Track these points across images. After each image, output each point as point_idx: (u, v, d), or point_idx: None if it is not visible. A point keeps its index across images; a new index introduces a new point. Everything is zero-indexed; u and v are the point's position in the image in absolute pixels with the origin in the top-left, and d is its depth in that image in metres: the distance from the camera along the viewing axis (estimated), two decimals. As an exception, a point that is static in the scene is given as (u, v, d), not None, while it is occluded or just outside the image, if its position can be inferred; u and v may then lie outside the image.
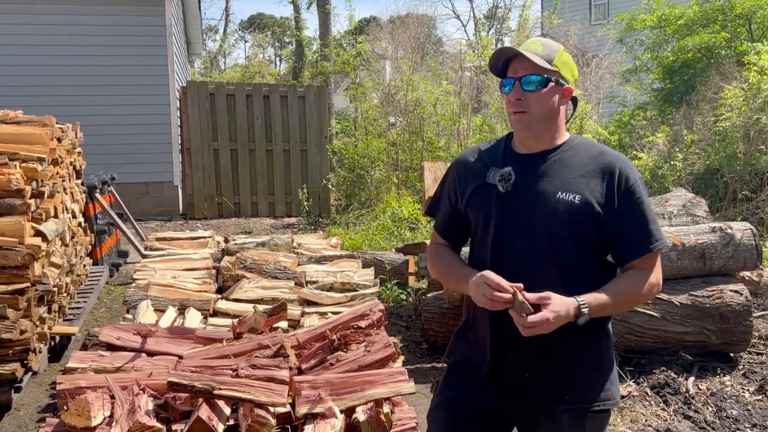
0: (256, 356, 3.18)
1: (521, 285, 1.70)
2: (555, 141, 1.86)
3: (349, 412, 2.94)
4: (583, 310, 1.71)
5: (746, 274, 4.87)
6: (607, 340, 1.89)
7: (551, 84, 1.80)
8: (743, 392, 3.88)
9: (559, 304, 1.69)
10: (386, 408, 2.90)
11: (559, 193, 1.79)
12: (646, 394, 3.82)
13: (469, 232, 1.99)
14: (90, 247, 6.02)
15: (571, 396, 1.83)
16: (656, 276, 1.84)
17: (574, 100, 1.93)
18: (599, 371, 1.86)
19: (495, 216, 1.83)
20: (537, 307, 1.69)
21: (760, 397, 3.81)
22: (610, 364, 1.89)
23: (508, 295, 1.69)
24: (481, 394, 1.91)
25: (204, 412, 2.75)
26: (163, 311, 4.31)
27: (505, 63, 1.84)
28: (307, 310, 4.54)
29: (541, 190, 1.81)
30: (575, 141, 1.88)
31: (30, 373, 3.98)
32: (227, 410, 2.89)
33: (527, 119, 1.82)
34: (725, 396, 3.77)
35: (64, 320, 4.77)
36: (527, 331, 1.68)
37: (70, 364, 3.44)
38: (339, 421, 2.83)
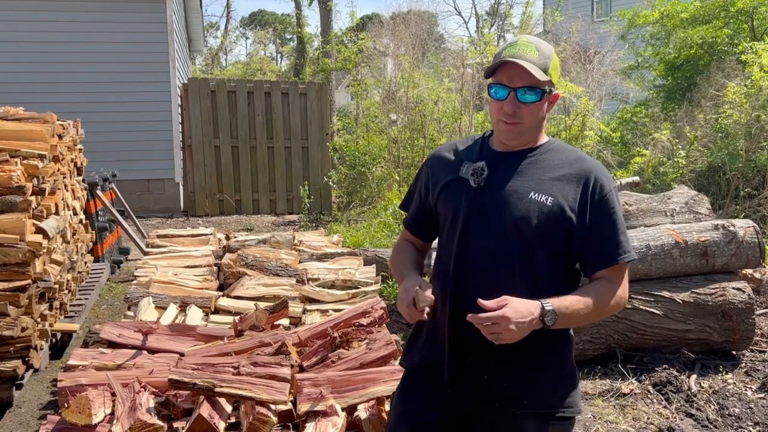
0: (257, 354, 3.17)
1: (483, 304, 1.64)
2: (534, 142, 1.84)
3: (350, 409, 2.94)
4: (546, 307, 1.65)
5: (749, 271, 4.86)
6: (568, 345, 1.84)
7: (545, 95, 1.77)
8: (746, 390, 3.87)
9: (518, 305, 1.63)
10: (388, 406, 2.90)
11: (532, 193, 1.75)
12: (648, 392, 3.81)
13: (437, 227, 1.94)
14: (91, 244, 6.02)
15: (530, 400, 1.78)
16: (623, 288, 1.80)
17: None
18: (560, 377, 1.82)
19: (464, 210, 1.79)
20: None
21: (762, 395, 3.80)
22: (572, 371, 1.85)
23: (415, 314, 1.73)
24: (440, 402, 1.84)
25: (205, 409, 2.75)
26: (165, 308, 4.31)
27: (497, 64, 1.77)
28: (308, 307, 4.54)
29: (513, 188, 1.77)
30: (553, 144, 1.86)
31: (31, 371, 3.97)
32: (228, 408, 2.89)
33: (519, 130, 1.78)
34: (727, 394, 3.75)
35: (65, 317, 4.77)
36: (492, 336, 1.62)
37: (71, 362, 3.44)
38: (341, 418, 2.83)
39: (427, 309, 1.72)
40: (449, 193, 1.85)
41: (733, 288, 4.22)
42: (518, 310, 1.62)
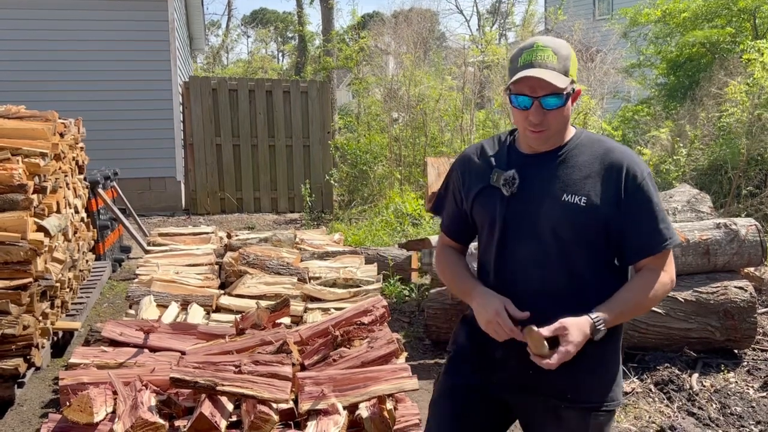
0: (258, 352, 3.17)
1: (531, 324, 1.67)
2: (562, 140, 1.82)
3: (352, 408, 2.93)
4: (598, 326, 1.69)
5: (751, 270, 4.85)
6: (615, 340, 1.85)
7: (569, 96, 1.75)
8: (747, 389, 3.87)
9: (575, 332, 1.66)
10: (389, 404, 2.90)
11: (565, 195, 1.75)
12: (650, 390, 3.81)
13: (475, 231, 1.97)
14: (92, 242, 6.02)
15: (573, 395, 1.80)
16: (669, 274, 1.80)
17: None
18: (604, 372, 1.84)
19: (500, 219, 1.80)
20: (555, 339, 1.66)
21: (764, 394, 3.80)
22: (616, 365, 1.86)
23: (517, 332, 1.71)
24: (485, 382, 1.89)
25: (207, 408, 2.75)
26: (166, 307, 4.31)
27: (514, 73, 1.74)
28: (310, 306, 4.54)
29: (546, 192, 1.77)
30: (581, 137, 1.84)
31: (33, 369, 3.98)
32: (230, 406, 2.89)
33: (546, 136, 1.77)
34: (729, 393, 3.75)
35: (66, 316, 4.77)
36: (551, 366, 1.67)
37: (72, 360, 3.44)
38: (342, 417, 2.82)
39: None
40: (483, 202, 1.85)
41: (735, 287, 4.22)
42: (576, 341, 1.67)
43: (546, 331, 1.65)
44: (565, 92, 1.72)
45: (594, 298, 1.74)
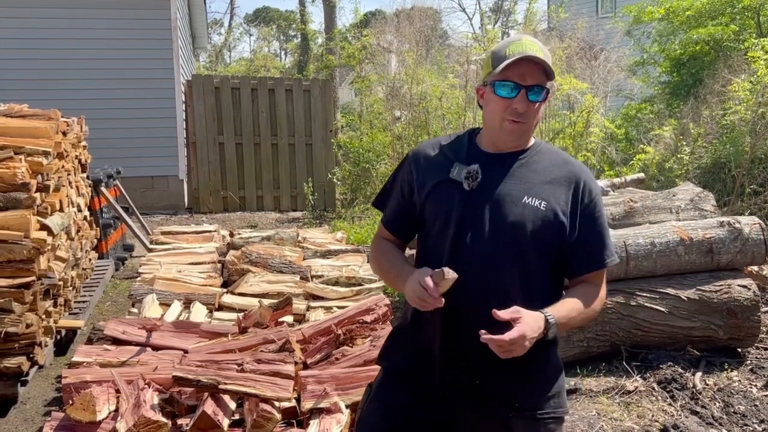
0: (261, 351, 3.17)
1: (497, 315, 1.61)
2: (526, 144, 1.82)
3: (354, 407, 2.93)
4: (550, 320, 1.67)
5: (754, 268, 4.84)
6: (555, 346, 1.83)
7: (548, 94, 1.77)
8: (751, 388, 3.86)
9: (530, 320, 1.62)
10: (392, 403, 2.89)
11: (526, 197, 1.74)
12: (653, 389, 3.80)
13: (418, 228, 1.90)
14: (95, 240, 6.03)
15: (521, 403, 1.77)
16: (604, 290, 1.84)
17: None
18: (549, 378, 1.82)
19: (457, 214, 1.75)
20: (508, 325, 1.61)
21: (767, 393, 3.79)
22: (560, 371, 1.85)
23: (438, 299, 1.63)
24: (427, 403, 1.80)
25: (209, 406, 2.75)
26: (169, 305, 4.31)
27: (505, 61, 1.72)
28: (312, 304, 4.54)
29: (507, 192, 1.75)
30: (541, 146, 1.85)
31: (36, 367, 3.98)
32: (232, 405, 2.89)
33: (523, 129, 1.77)
34: (733, 391, 3.74)
35: (69, 314, 4.78)
36: (504, 353, 1.60)
37: (75, 358, 3.45)
38: (345, 416, 2.82)
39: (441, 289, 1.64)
40: (440, 196, 1.80)
41: (739, 285, 4.21)
42: (532, 327, 1.62)
43: (502, 313, 1.60)
44: (547, 87, 1.74)
45: (539, 303, 1.70)
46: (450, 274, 1.62)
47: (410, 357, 1.85)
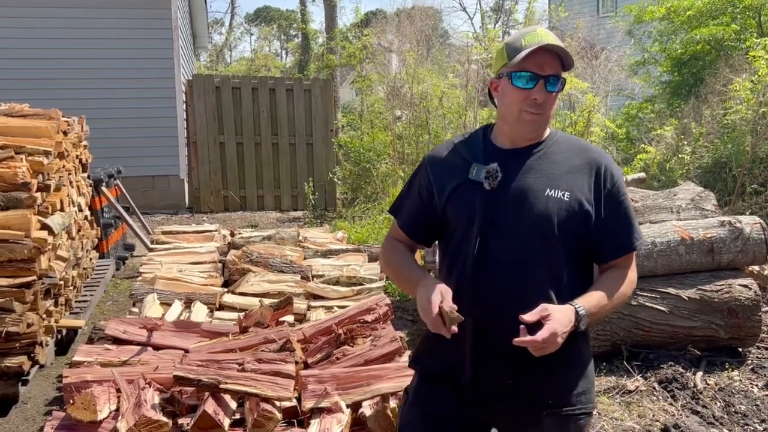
0: (262, 350, 3.17)
1: (524, 319, 1.61)
2: (542, 136, 1.81)
3: (355, 406, 2.93)
4: (581, 313, 1.66)
5: (755, 268, 4.84)
6: (585, 339, 1.83)
7: (562, 86, 1.76)
8: (752, 387, 3.86)
9: (559, 314, 1.62)
10: (393, 403, 2.89)
11: (548, 189, 1.72)
12: (654, 389, 3.80)
13: (440, 231, 1.88)
14: (96, 240, 6.03)
15: (554, 399, 1.77)
16: (634, 273, 1.82)
17: None
18: (580, 374, 1.81)
19: (480, 215, 1.74)
20: (538, 324, 1.61)
21: (768, 393, 3.78)
22: (590, 365, 1.84)
23: (433, 314, 1.62)
24: (459, 405, 1.81)
25: (210, 406, 2.75)
26: (169, 305, 4.31)
27: (522, 51, 1.70)
28: (313, 304, 4.53)
29: (529, 186, 1.73)
30: (557, 135, 1.84)
31: (37, 367, 3.99)
32: (233, 404, 2.89)
33: (541, 120, 1.75)
34: (733, 391, 3.74)
35: (70, 313, 4.78)
36: (538, 351, 1.61)
37: (76, 358, 3.45)
38: (345, 415, 2.82)
39: (454, 327, 1.65)
40: (461, 198, 1.78)
41: (740, 285, 4.20)
42: (562, 322, 1.61)
43: (529, 316, 1.60)
44: (563, 78, 1.74)
45: (569, 296, 1.71)
46: (454, 316, 1.62)
47: (442, 360, 1.84)
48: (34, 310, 3.79)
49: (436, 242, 1.97)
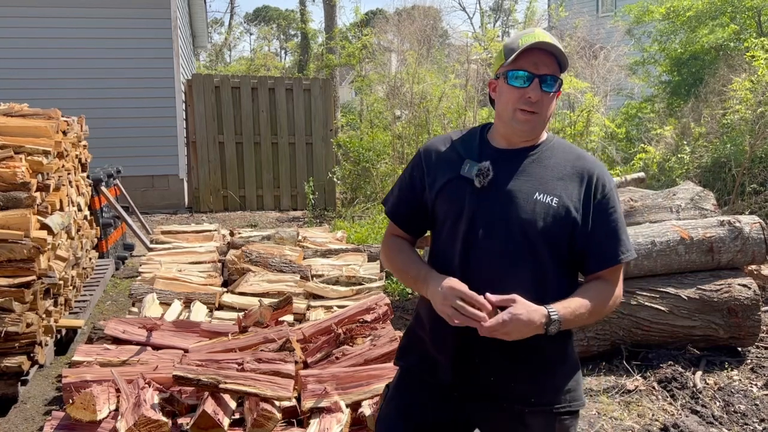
0: (261, 350, 3.17)
1: (489, 298, 1.62)
2: (538, 139, 1.81)
3: (355, 406, 2.93)
4: (552, 316, 1.64)
5: (754, 268, 4.84)
6: (570, 340, 1.83)
7: (560, 86, 1.75)
8: (751, 387, 3.86)
9: (521, 308, 1.61)
10: (392, 402, 2.89)
11: (537, 193, 1.72)
12: (653, 388, 3.80)
13: (429, 225, 1.89)
14: (96, 240, 6.03)
15: (537, 398, 1.76)
16: (620, 288, 1.79)
17: None
18: (565, 373, 1.81)
19: (468, 212, 1.74)
20: (502, 309, 1.62)
21: (767, 392, 3.79)
22: (576, 365, 1.84)
23: (483, 314, 1.61)
24: (441, 401, 1.81)
25: (209, 405, 2.75)
26: (169, 304, 4.31)
27: (518, 50, 1.71)
28: (312, 303, 4.53)
29: (518, 188, 1.73)
30: (553, 141, 1.83)
31: (36, 366, 3.98)
32: (233, 404, 2.89)
33: (536, 120, 1.74)
34: (733, 391, 3.74)
35: (70, 313, 4.78)
36: (502, 336, 1.61)
37: (75, 358, 3.45)
38: (345, 415, 2.82)
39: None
40: (451, 193, 1.78)
41: (739, 284, 4.21)
42: (526, 310, 1.61)
43: (494, 297, 1.61)
44: (560, 78, 1.73)
45: (553, 299, 1.70)
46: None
47: (425, 356, 1.85)
48: (33, 309, 3.79)
49: None
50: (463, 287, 1.65)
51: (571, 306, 1.69)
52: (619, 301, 1.80)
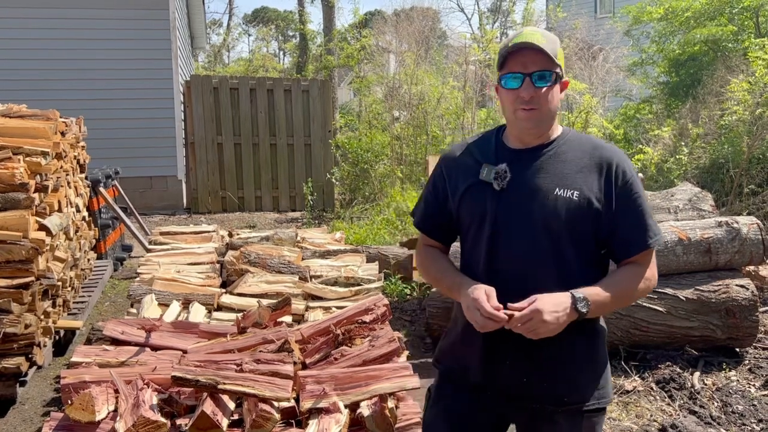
0: (260, 351, 3.17)
1: (508, 312, 1.65)
2: (550, 135, 1.82)
3: (353, 406, 2.93)
4: (577, 295, 1.65)
5: (752, 268, 4.85)
6: (600, 336, 1.84)
7: (558, 78, 1.76)
8: (749, 387, 3.87)
9: (547, 298, 1.64)
10: (391, 403, 2.89)
11: (557, 189, 1.73)
12: (652, 389, 3.81)
13: (458, 231, 1.92)
14: (94, 241, 6.02)
15: (569, 397, 1.79)
16: (652, 271, 1.80)
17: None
18: (594, 370, 1.83)
19: (490, 215, 1.77)
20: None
21: (766, 393, 3.79)
22: (604, 361, 1.86)
23: (499, 324, 1.64)
24: (478, 402, 1.86)
25: (208, 406, 2.75)
26: (168, 305, 4.30)
27: (505, 55, 1.75)
28: (311, 304, 4.53)
29: (538, 186, 1.75)
30: (569, 134, 1.84)
31: (35, 367, 3.98)
32: (232, 405, 2.88)
33: (538, 116, 1.75)
34: (731, 391, 3.75)
35: (68, 314, 4.78)
36: (531, 334, 1.63)
37: (74, 359, 3.44)
38: (343, 416, 2.82)
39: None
40: (472, 198, 1.82)
41: (737, 285, 4.21)
42: (549, 302, 1.63)
43: (519, 305, 1.64)
44: (554, 72, 1.74)
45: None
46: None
47: (459, 359, 1.89)
48: (32, 311, 3.79)
49: None
50: (482, 300, 1.66)
51: (597, 287, 1.70)
52: (653, 284, 1.80)
